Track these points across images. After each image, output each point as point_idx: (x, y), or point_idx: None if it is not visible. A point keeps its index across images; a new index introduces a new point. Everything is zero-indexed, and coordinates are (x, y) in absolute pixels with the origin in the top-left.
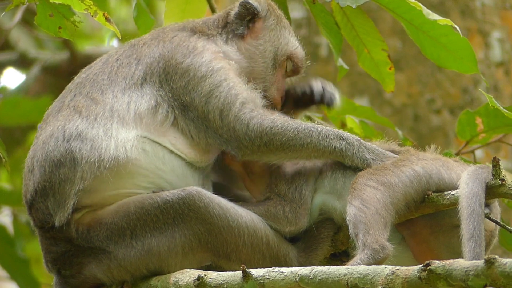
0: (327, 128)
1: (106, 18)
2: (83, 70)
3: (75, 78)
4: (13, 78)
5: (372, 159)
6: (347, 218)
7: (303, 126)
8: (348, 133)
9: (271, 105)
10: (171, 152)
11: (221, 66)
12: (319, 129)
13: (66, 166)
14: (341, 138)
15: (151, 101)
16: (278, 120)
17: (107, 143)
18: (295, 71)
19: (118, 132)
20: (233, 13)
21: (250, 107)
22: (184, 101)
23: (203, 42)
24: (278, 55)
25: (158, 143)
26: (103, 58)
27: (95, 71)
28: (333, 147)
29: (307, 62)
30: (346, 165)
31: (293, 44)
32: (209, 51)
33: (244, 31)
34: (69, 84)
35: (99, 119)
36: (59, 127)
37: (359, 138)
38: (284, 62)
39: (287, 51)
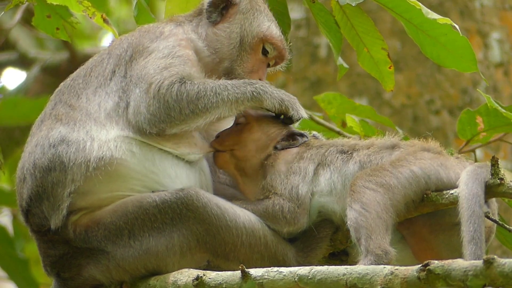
0: (235, 80)
1: (104, 20)
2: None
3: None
4: (13, 78)
5: (287, 100)
6: (348, 222)
7: (218, 82)
8: (253, 79)
9: None
10: (160, 150)
11: (182, 54)
12: (229, 82)
13: (57, 170)
14: (251, 83)
15: (115, 97)
16: (200, 84)
17: (90, 144)
18: (278, 55)
19: (99, 133)
20: (207, 1)
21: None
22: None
23: (171, 27)
24: (248, 37)
25: (144, 142)
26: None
27: (72, 77)
28: (250, 92)
29: (289, 43)
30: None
31: (266, 26)
32: (175, 36)
33: (217, 18)
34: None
35: (78, 124)
36: (43, 136)
37: (263, 81)
38: (257, 45)
39: (258, 33)
